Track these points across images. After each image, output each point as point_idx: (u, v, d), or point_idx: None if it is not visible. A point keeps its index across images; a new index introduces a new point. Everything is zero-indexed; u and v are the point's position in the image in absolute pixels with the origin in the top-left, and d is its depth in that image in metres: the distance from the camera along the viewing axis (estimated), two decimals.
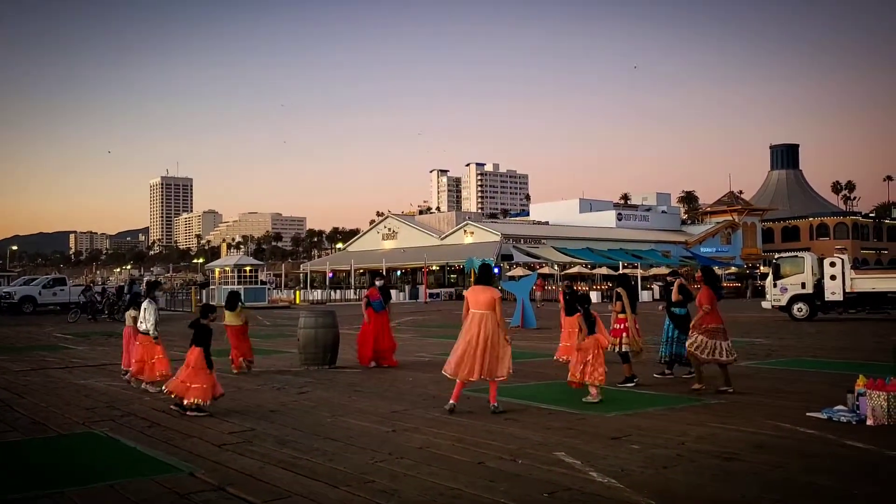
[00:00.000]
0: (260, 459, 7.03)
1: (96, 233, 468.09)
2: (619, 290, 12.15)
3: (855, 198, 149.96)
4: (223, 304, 15.33)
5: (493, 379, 9.29)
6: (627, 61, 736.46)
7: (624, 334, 11.78)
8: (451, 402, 9.37)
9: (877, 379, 8.50)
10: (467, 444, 7.57)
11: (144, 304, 11.93)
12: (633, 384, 11.40)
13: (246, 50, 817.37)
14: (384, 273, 63.89)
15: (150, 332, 11.63)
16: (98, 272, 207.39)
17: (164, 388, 9.85)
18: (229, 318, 14.16)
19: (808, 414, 8.76)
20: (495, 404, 9.33)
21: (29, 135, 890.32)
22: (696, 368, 11.04)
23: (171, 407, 9.53)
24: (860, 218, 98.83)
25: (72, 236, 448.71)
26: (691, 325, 11.05)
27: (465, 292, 9.63)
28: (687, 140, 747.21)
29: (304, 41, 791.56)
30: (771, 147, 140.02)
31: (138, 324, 11.99)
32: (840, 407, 8.70)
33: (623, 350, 11.74)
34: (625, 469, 6.46)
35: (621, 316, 11.94)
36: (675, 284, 12.70)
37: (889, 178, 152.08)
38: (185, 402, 9.33)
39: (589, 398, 9.98)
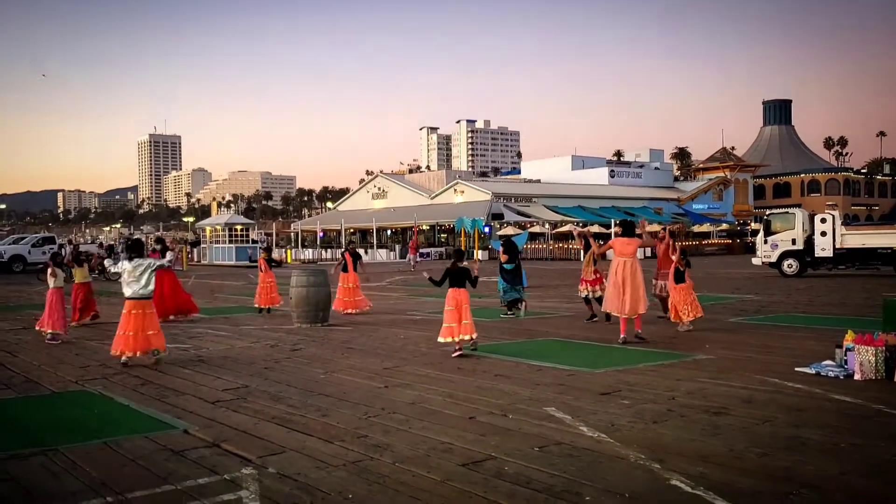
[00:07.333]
0: (254, 416, 7.07)
1: (84, 191, 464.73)
2: None
3: (847, 154, 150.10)
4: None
5: (636, 315, 11.24)
6: (619, 17, 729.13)
7: (600, 284, 13.61)
8: (622, 335, 11.20)
9: (865, 334, 8.58)
10: (458, 399, 7.64)
11: (111, 261, 11.87)
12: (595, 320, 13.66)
13: (232, 7, 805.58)
14: (374, 231, 64.20)
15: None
16: (87, 231, 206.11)
17: (445, 338, 10.24)
18: (79, 276, 15.27)
19: (796, 369, 8.85)
20: (639, 330, 11.38)
21: (15, 93, 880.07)
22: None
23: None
24: (852, 174, 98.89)
25: (60, 195, 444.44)
26: None
27: (611, 241, 12.21)
28: (681, 95, 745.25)
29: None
30: (764, 102, 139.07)
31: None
32: (828, 362, 8.79)
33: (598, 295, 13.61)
34: (615, 424, 6.53)
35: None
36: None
37: (882, 133, 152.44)
38: (474, 336, 10.32)
39: (682, 327, 12.25)
